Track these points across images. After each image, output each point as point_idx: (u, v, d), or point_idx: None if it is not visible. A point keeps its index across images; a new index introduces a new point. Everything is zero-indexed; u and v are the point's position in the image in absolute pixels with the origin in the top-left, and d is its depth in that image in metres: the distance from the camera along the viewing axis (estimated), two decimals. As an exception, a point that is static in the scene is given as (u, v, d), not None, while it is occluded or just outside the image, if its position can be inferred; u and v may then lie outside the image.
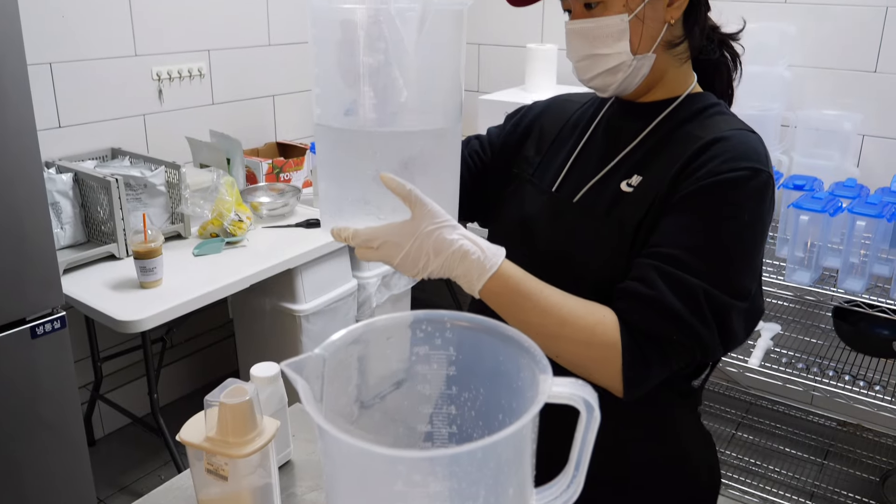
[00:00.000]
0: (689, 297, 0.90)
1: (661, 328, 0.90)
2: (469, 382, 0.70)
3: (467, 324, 0.68)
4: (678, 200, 0.94)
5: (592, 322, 0.90)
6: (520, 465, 0.57)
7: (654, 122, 1.04)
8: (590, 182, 1.06)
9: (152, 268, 2.00)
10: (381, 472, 0.52)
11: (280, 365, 0.58)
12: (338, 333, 0.65)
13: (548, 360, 0.60)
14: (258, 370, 1.11)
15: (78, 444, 1.76)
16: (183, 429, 1.01)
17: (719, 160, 0.93)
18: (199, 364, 2.96)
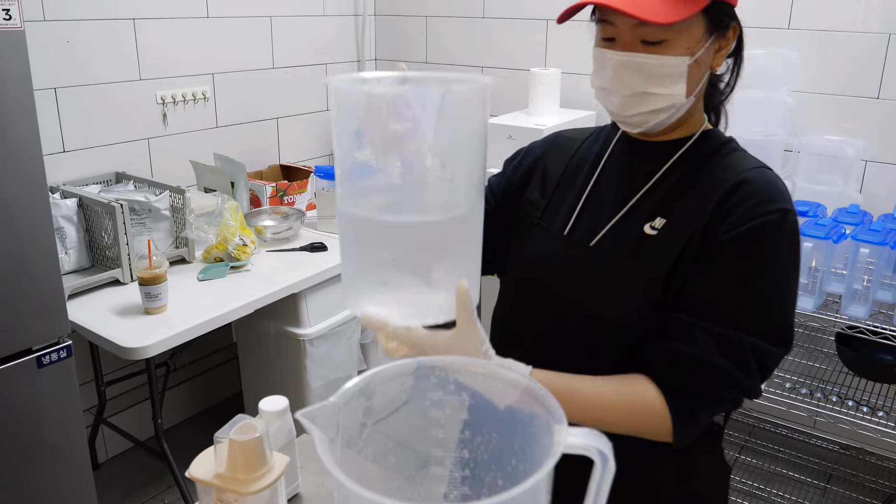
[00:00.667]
0: (734, 353, 0.91)
1: (708, 387, 0.93)
2: (482, 427, 0.71)
3: (482, 370, 0.68)
4: (713, 249, 0.93)
5: (630, 401, 0.94)
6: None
7: (671, 161, 1.02)
8: (606, 224, 1.03)
9: (157, 294, 2.00)
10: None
11: (296, 415, 0.58)
12: (353, 381, 0.65)
13: (562, 410, 0.61)
14: (267, 405, 1.11)
15: (83, 470, 1.76)
16: (192, 465, 1.01)
17: (749, 204, 0.93)
18: (202, 387, 2.95)
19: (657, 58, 0.94)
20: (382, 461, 0.73)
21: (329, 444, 0.58)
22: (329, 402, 0.62)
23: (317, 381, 2.46)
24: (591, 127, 1.22)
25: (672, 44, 0.94)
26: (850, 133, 2.35)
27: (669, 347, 0.94)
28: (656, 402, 0.93)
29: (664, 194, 1.01)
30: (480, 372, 0.69)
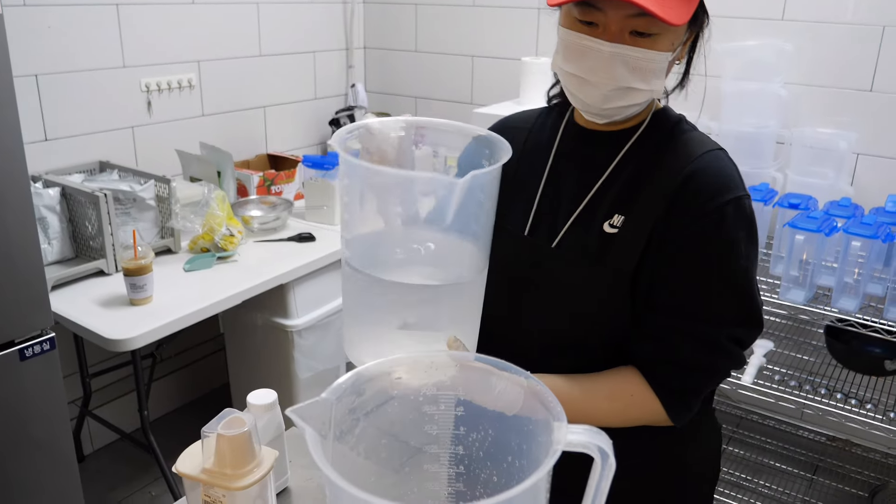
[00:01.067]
0: (712, 347, 0.94)
1: (692, 381, 0.96)
2: (478, 423, 0.69)
3: (482, 366, 0.67)
4: (674, 247, 0.94)
5: (623, 406, 0.96)
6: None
7: (622, 152, 1.00)
8: (565, 223, 1.01)
9: (142, 285, 1.97)
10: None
11: (287, 412, 0.56)
12: (345, 377, 0.64)
13: (561, 407, 0.59)
14: (255, 398, 1.09)
15: (68, 462, 1.73)
16: (179, 460, 0.99)
17: (702, 198, 0.93)
18: (189, 378, 2.92)
19: (644, 52, 0.90)
20: (374, 456, 0.71)
21: (321, 441, 0.56)
22: (320, 398, 0.60)
23: (305, 373, 2.44)
24: (534, 109, 1.16)
25: (661, 38, 0.90)
26: (842, 126, 2.35)
27: (649, 350, 0.97)
28: (647, 398, 0.96)
29: (620, 189, 0.98)
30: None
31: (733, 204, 0.93)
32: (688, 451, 1.09)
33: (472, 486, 0.70)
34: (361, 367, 0.66)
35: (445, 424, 0.69)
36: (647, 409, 0.96)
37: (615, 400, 0.97)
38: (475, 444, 0.69)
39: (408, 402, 0.69)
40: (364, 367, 0.66)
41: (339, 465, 0.66)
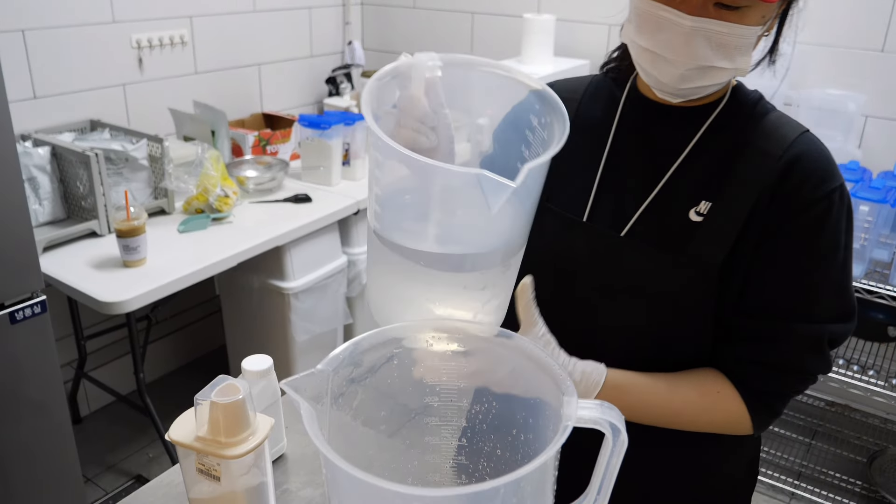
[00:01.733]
0: (813, 347, 0.88)
1: (787, 384, 0.90)
2: (482, 395, 0.66)
3: (483, 335, 0.63)
4: (776, 239, 0.85)
5: (709, 403, 0.89)
6: (543, 495, 0.53)
7: (701, 131, 0.90)
8: (637, 209, 0.90)
9: (136, 246, 1.94)
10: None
11: (281, 384, 0.53)
12: (341, 347, 0.60)
13: (570, 380, 0.56)
14: (250, 364, 1.06)
15: (62, 425, 1.71)
16: (173, 427, 0.96)
17: (809, 185, 0.84)
18: (186, 340, 2.90)
19: (731, 26, 0.79)
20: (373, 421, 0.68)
21: (316, 416, 0.53)
22: (316, 370, 0.57)
23: (302, 336, 2.42)
24: (583, 77, 1.06)
25: (750, 11, 0.79)
26: (851, 87, 2.29)
27: (737, 351, 0.89)
28: (733, 401, 0.89)
29: (703, 172, 0.88)
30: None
31: (839, 192, 0.85)
32: (726, 456, 1.03)
33: (475, 459, 0.68)
34: (360, 337, 0.62)
35: (447, 396, 0.66)
36: (732, 411, 0.89)
37: (704, 395, 0.89)
38: (478, 416, 0.66)
39: (408, 365, 0.66)
40: (363, 336, 0.62)
41: (337, 437, 0.63)
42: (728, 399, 0.89)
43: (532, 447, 0.62)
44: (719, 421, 0.90)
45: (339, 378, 0.61)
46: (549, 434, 0.58)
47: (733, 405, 0.89)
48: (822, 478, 2.35)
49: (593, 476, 0.57)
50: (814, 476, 2.36)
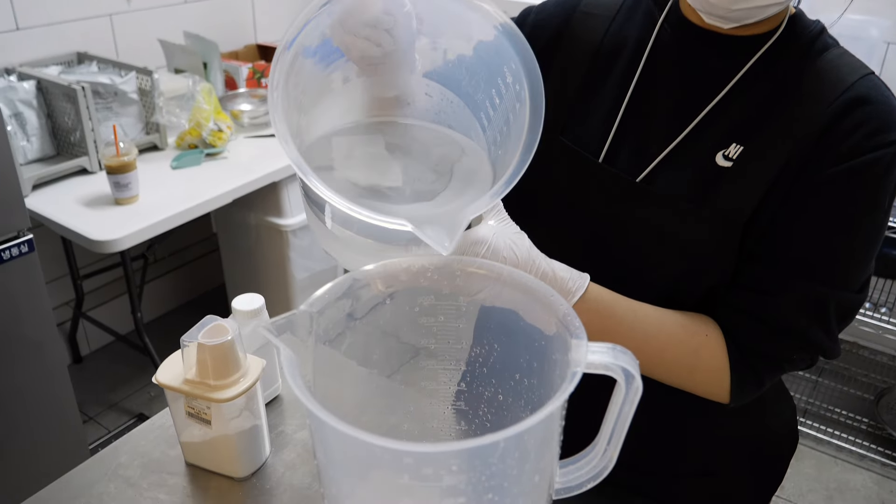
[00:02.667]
0: (818, 311, 0.76)
1: (782, 349, 0.78)
2: (482, 337, 0.61)
3: (482, 272, 0.58)
4: (813, 187, 0.74)
5: (695, 346, 0.78)
6: (548, 447, 0.48)
7: (750, 62, 0.77)
8: (660, 152, 0.80)
9: (127, 183, 1.88)
10: (385, 464, 0.43)
11: (259, 329, 0.48)
12: (326, 287, 0.55)
13: (580, 322, 0.51)
14: (240, 303, 1.01)
15: (58, 365, 1.68)
16: (160, 370, 0.92)
17: (866, 130, 0.72)
18: (185, 279, 2.86)
19: None
20: (368, 360, 0.64)
21: (298, 362, 0.48)
22: (298, 311, 0.52)
23: (301, 273, 2.37)
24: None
25: None
26: (873, 11, 2.17)
27: (744, 300, 0.78)
28: (718, 353, 0.78)
29: (741, 111, 0.77)
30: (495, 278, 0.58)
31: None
32: (763, 426, 0.95)
33: (475, 405, 0.63)
34: (349, 275, 0.57)
35: (444, 337, 0.61)
36: (714, 365, 0.78)
37: (691, 335, 0.77)
38: (479, 360, 0.61)
39: (404, 305, 0.61)
40: (352, 275, 0.57)
41: (329, 380, 0.59)
42: (714, 347, 0.78)
43: (536, 393, 0.57)
44: (700, 372, 0.79)
45: (335, 315, 0.56)
46: (554, 379, 0.54)
47: (717, 358, 0.78)
48: (827, 415, 2.33)
49: (603, 425, 0.53)
50: (819, 413, 2.34)
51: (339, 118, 0.52)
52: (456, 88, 0.51)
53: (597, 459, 0.53)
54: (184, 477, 0.94)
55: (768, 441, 0.97)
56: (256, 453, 0.95)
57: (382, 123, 0.52)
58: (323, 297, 0.54)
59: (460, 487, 0.43)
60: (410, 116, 0.52)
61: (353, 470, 0.46)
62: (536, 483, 0.48)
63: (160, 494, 0.91)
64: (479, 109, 0.51)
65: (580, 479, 0.54)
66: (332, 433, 0.43)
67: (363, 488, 0.45)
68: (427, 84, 0.51)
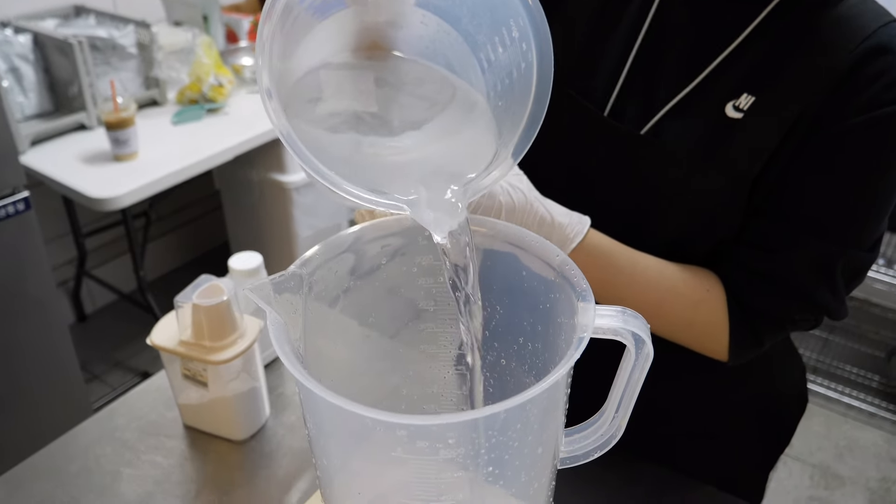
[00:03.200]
0: (825, 270, 0.72)
1: (784, 308, 0.74)
2: (483, 299, 0.57)
3: (484, 230, 0.54)
4: (828, 138, 0.69)
5: (695, 300, 0.74)
6: (552, 417, 0.46)
7: (767, 9, 0.72)
8: (668, 102, 0.75)
9: (126, 139, 1.84)
10: (377, 437, 0.40)
11: (243, 291, 0.45)
12: (317, 247, 0.52)
13: (587, 284, 0.47)
14: (237, 262, 0.98)
15: (58, 324, 1.67)
16: (154, 330, 0.90)
17: (883, 82, 0.67)
18: (188, 237, 2.84)
19: None
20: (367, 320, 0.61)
21: (286, 328, 0.44)
22: (287, 272, 0.49)
23: (305, 231, 2.34)
24: None
25: None
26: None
27: (748, 256, 0.75)
28: (718, 309, 0.75)
29: (753, 60, 0.72)
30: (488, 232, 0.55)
31: None
32: (771, 386, 0.92)
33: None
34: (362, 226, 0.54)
35: (444, 299, 0.57)
36: (714, 319, 0.75)
37: (692, 289, 0.75)
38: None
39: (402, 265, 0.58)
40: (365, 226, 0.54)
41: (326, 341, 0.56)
42: (714, 303, 0.75)
43: (541, 358, 0.54)
44: (699, 327, 0.76)
45: (333, 274, 0.54)
46: (560, 344, 0.51)
47: (717, 314, 0.75)
48: (837, 372, 2.31)
49: (611, 392, 0.50)
50: (829, 371, 2.32)
51: (327, 50, 0.48)
52: (455, 24, 0.46)
53: (604, 428, 0.50)
54: (182, 440, 0.92)
55: (776, 402, 0.95)
56: (255, 416, 0.93)
57: (373, 58, 0.47)
58: (314, 257, 0.51)
59: (458, 461, 0.41)
60: (403, 43, 0.47)
61: (345, 442, 0.43)
62: (540, 455, 0.45)
63: (158, 457, 0.90)
64: (479, 50, 0.47)
65: (587, 447, 0.51)
66: (322, 404, 0.40)
67: (355, 460, 0.43)
68: (423, 14, 0.46)
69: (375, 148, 0.46)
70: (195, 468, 0.89)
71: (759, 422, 0.95)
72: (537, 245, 0.52)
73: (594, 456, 0.51)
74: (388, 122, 0.46)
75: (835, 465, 2.04)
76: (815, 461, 2.03)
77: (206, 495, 0.85)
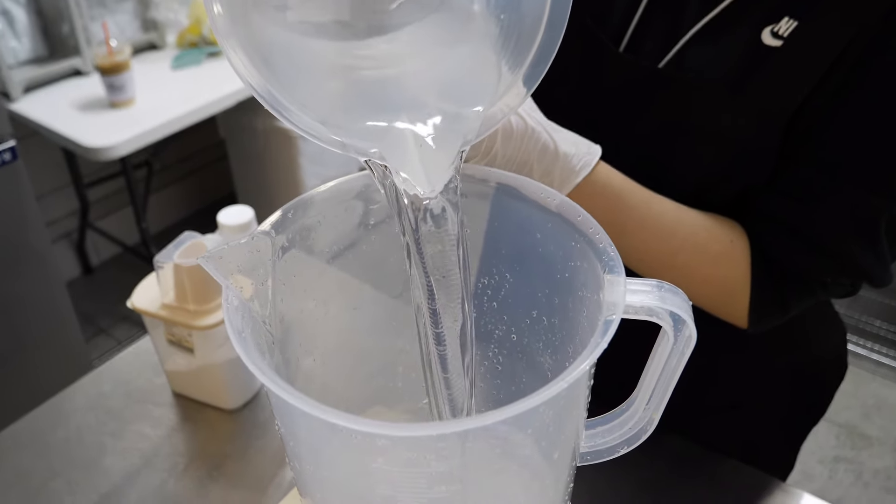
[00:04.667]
0: (867, 226, 0.61)
1: (817, 270, 0.64)
2: (490, 265, 0.49)
3: (492, 181, 0.45)
4: (873, 76, 0.59)
5: (715, 253, 0.64)
6: (570, 417, 0.37)
7: None
8: (690, 29, 0.64)
9: (121, 85, 1.75)
10: (356, 446, 0.32)
11: (198, 260, 0.37)
12: (323, 189, 0.43)
13: (616, 253, 0.39)
14: (227, 216, 0.90)
15: (54, 278, 1.61)
16: (136, 292, 0.83)
17: None
18: (193, 188, 2.76)
19: None
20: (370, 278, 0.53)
21: (242, 310, 0.36)
22: (255, 234, 0.40)
23: (313, 180, 2.26)
24: None
25: None
26: None
27: (779, 207, 0.65)
28: (741, 267, 0.65)
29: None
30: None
31: None
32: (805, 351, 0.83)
33: (484, 344, 0.52)
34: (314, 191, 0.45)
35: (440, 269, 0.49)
36: (732, 278, 0.65)
37: (714, 240, 0.65)
38: (487, 292, 0.50)
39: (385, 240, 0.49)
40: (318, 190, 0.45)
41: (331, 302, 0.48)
42: (737, 258, 0.65)
43: (558, 334, 0.46)
44: (717, 285, 0.67)
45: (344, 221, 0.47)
46: (580, 321, 0.42)
47: (739, 271, 0.65)
48: (866, 328, 2.22)
49: (643, 379, 0.41)
50: (857, 326, 2.23)
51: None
52: None
53: (633, 420, 0.42)
54: (170, 408, 0.86)
55: (812, 368, 0.86)
56: (247, 383, 0.86)
57: None
58: (282, 218, 0.42)
59: (454, 473, 0.33)
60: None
61: (319, 450, 0.35)
62: (555, 460, 0.38)
63: (145, 427, 0.83)
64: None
65: (611, 442, 0.43)
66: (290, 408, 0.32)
67: (332, 470, 0.35)
68: None
69: (344, 58, 0.37)
70: (184, 440, 0.82)
71: (792, 390, 0.86)
72: (555, 202, 0.43)
73: (619, 452, 0.43)
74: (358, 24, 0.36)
75: (862, 424, 1.97)
76: (841, 420, 1.96)
77: (195, 470, 0.78)
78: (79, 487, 0.76)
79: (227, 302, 0.36)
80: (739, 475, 0.77)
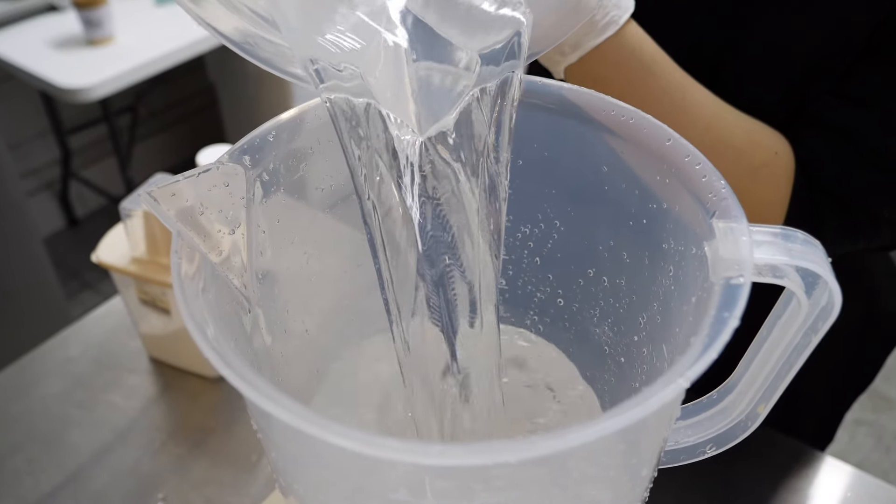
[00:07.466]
0: None
1: (870, 192, 0.53)
2: (534, 208, 0.38)
3: (538, 100, 0.34)
4: None
5: (757, 162, 0.52)
6: (655, 439, 0.27)
7: None
8: None
9: (98, 20, 1.61)
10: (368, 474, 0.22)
11: (138, 193, 0.25)
12: (273, 121, 0.32)
13: (730, 189, 0.27)
14: (207, 157, 0.79)
15: (28, 235, 1.50)
16: (101, 245, 0.72)
17: None
18: (183, 135, 2.63)
19: None
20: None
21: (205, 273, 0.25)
22: (223, 159, 0.29)
23: (310, 129, 2.14)
24: None
25: None
26: None
27: (830, 107, 0.54)
28: (781, 183, 0.54)
29: None
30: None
31: None
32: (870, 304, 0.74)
33: (521, 311, 0.41)
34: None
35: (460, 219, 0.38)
36: (770, 192, 0.54)
37: (754, 146, 0.53)
38: (528, 244, 0.39)
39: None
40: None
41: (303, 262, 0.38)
42: (780, 172, 0.54)
43: (624, 300, 0.35)
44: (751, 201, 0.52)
45: None
46: (663, 281, 0.31)
47: (779, 188, 0.54)
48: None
49: (750, 361, 0.31)
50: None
51: None
52: None
53: (733, 413, 0.32)
54: (146, 375, 0.76)
55: (879, 323, 0.76)
56: (233, 348, 0.76)
57: None
58: (264, 140, 0.31)
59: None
60: None
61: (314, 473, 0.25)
62: (641, 478, 0.27)
63: (116, 398, 0.73)
64: None
65: (695, 440, 0.33)
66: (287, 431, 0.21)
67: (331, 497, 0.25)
68: None
69: None
70: (161, 412, 0.72)
71: (855, 348, 0.78)
72: (632, 119, 0.31)
73: (705, 454, 0.33)
74: None
75: (883, 386, 1.89)
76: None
77: (174, 447, 0.69)
78: (40, 465, 0.67)
79: (177, 256, 0.25)
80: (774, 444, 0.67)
